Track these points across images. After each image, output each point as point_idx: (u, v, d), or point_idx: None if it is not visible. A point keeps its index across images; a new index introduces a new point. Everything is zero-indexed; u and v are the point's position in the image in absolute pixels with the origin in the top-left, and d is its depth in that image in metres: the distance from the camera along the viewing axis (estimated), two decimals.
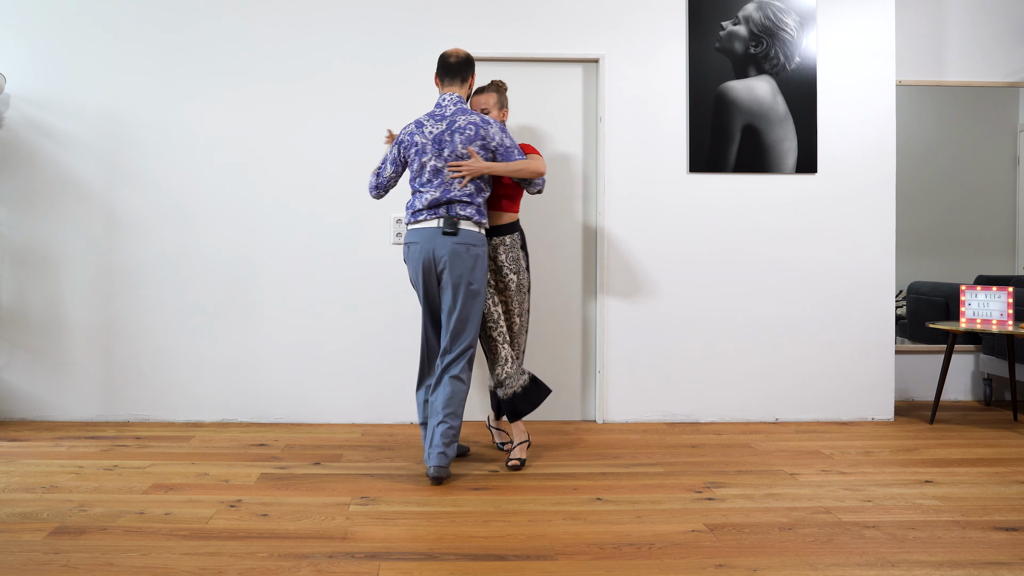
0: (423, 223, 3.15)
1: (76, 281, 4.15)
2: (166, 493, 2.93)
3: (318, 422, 4.17)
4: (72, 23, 4.15)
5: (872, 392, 4.29)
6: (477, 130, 3.17)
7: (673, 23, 4.25)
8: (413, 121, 3.33)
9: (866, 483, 3.11)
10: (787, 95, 4.25)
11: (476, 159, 3.14)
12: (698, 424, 4.20)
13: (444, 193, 3.13)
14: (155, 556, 2.33)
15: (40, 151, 4.15)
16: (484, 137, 3.17)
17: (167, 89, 4.16)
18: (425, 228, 3.14)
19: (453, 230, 3.10)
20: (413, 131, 3.22)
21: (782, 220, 4.28)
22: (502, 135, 3.22)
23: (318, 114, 4.17)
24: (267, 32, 4.17)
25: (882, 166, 4.30)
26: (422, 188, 3.19)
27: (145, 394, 4.16)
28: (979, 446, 3.72)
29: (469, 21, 4.19)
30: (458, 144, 3.15)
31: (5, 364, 4.14)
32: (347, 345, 4.17)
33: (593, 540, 2.48)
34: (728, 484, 3.09)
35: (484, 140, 3.17)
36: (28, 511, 2.71)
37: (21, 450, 3.54)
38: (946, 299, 4.75)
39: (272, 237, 4.17)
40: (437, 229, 3.12)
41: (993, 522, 2.66)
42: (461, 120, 3.18)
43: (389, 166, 3.29)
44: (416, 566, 2.27)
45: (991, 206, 4.87)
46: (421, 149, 3.18)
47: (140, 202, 4.16)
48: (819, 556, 2.36)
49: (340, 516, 2.69)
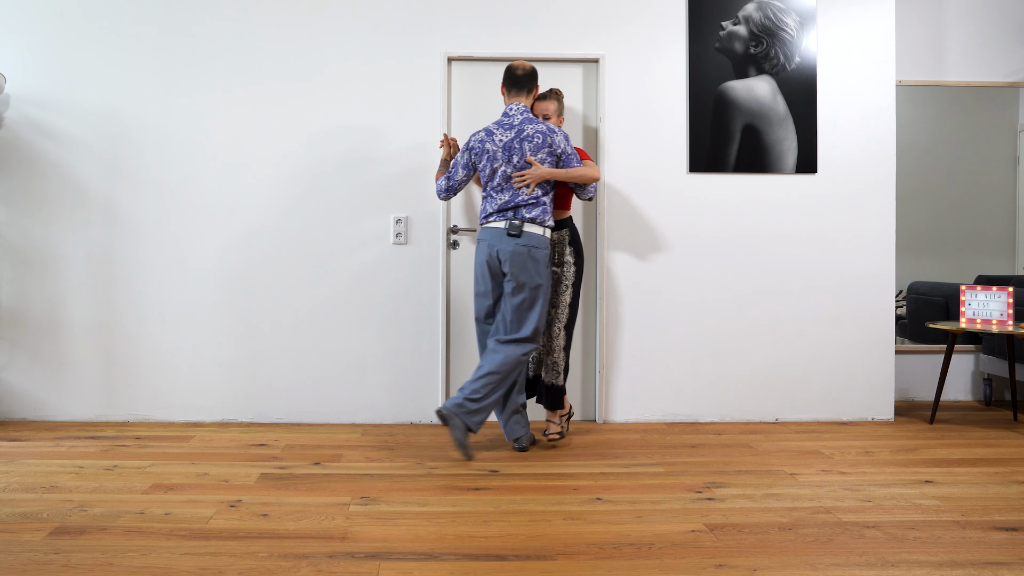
0: (492, 224, 3.47)
1: (76, 281, 4.15)
2: (166, 493, 2.93)
3: (318, 422, 4.17)
4: (72, 23, 4.15)
5: (872, 392, 4.29)
6: (544, 138, 3.45)
7: (673, 23, 4.25)
8: (483, 129, 3.55)
9: (866, 483, 3.11)
10: (787, 95, 4.25)
11: (537, 167, 3.43)
12: (698, 424, 4.20)
13: (513, 197, 3.44)
14: (155, 556, 2.33)
15: (40, 151, 4.15)
16: (550, 145, 3.46)
17: (167, 89, 4.16)
18: (493, 228, 3.46)
19: (517, 232, 3.41)
20: (483, 139, 3.50)
21: (782, 220, 4.28)
22: (565, 143, 3.51)
23: (319, 113, 4.17)
24: (267, 32, 4.17)
25: (882, 166, 4.30)
26: (494, 193, 3.48)
27: (145, 394, 4.16)
28: (979, 446, 3.72)
29: (469, 21, 4.19)
30: (527, 151, 3.44)
31: (5, 364, 4.14)
32: (347, 345, 4.17)
33: (593, 540, 2.48)
34: (728, 484, 3.09)
35: (550, 147, 3.46)
36: (28, 511, 2.71)
37: (21, 450, 3.54)
38: (946, 299, 4.75)
39: (272, 237, 4.17)
40: (503, 230, 3.43)
41: (993, 522, 2.66)
42: (529, 129, 3.47)
43: (461, 170, 3.58)
44: (416, 566, 2.27)
45: (991, 206, 4.87)
46: (492, 156, 3.47)
47: (140, 202, 4.16)
48: (819, 556, 2.36)
49: (340, 516, 2.69)
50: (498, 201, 3.45)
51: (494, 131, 3.49)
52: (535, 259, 3.42)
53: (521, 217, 3.43)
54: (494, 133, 3.48)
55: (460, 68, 4.24)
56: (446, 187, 3.62)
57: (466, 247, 4.24)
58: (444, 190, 3.62)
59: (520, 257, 3.40)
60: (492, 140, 3.47)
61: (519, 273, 3.41)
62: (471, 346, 4.23)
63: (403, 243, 4.17)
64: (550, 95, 3.74)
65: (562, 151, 3.49)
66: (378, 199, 4.17)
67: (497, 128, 3.50)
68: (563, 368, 3.70)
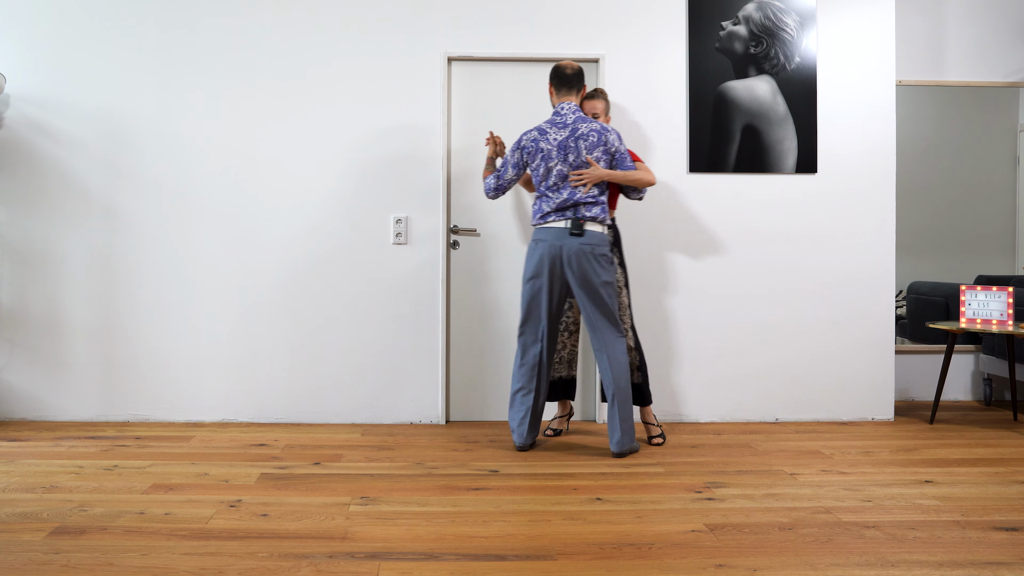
0: (552, 223, 3.44)
1: (76, 281, 4.15)
2: (166, 493, 2.93)
3: (318, 422, 4.17)
4: (72, 23, 4.14)
5: (872, 392, 4.29)
6: (599, 136, 3.44)
7: (673, 23, 4.25)
8: (535, 128, 3.51)
9: (866, 483, 3.11)
10: (787, 95, 4.25)
11: (595, 167, 3.41)
12: (698, 424, 4.20)
13: (571, 195, 3.41)
14: (155, 556, 2.33)
15: (40, 151, 4.15)
16: (605, 143, 3.44)
17: (167, 89, 4.16)
18: (553, 228, 3.43)
19: (579, 231, 3.38)
20: (536, 138, 3.47)
21: (782, 220, 4.28)
22: (619, 142, 3.50)
23: (318, 113, 4.17)
24: (267, 29, 4.17)
25: (882, 166, 4.30)
26: (549, 192, 3.45)
27: (145, 394, 4.16)
28: (979, 446, 3.72)
29: (469, 21, 4.19)
30: (583, 150, 3.42)
31: (5, 364, 4.14)
32: (347, 345, 4.17)
33: (593, 540, 2.48)
34: (728, 484, 3.09)
35: (605, 146, 3.45)
36: (28, 511, 2.71)
37: (21, 450, 3.54)
38: (946, 299, 4.75)
39: (272, 236, 4.17)
40: (564, 229, 3.41)
41: (993, 522, 2.66)
42: (583, 128, 3.44)
43: (511, 169, 3.55)
44: (416, 566, 2.27)
45: (991, 206, 4.87)
46: (547, 155, 3.44)
47: (140, 202, 4.16)
48: (819, 556, 2.36)
49: (340, 516, 2.69)
50: (555, 200, 3.42)
51: (547, 130, 3.47)
52: (599, 257, 3.41)
53: (582, 215, 3.41)
54: (547, 132, 3.47)
55: (460, 68, 4.24)
56: (495, 186, 3.58)
57: (466, 247, 4.24)
58: (493, 189, 3.59)
59: (585, 256, 3.39)
60: (546, 139, 3.45)
61: (587, 272, 3.40)
62: (471, 346, 4.23)
63: (403, 243, 4.17)
64: (597, 94, 3.74)
65: (616, 150, 3.48)
66: (378, 199, 4.17)
67: (550, 127, 3.48)
68: (636, 366, 3.75)
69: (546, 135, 3.45)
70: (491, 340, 4.23)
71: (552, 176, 3.44)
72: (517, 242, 4.24)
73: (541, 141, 3.45)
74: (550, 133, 3.46)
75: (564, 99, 3.54)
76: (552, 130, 3.46)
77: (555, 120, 3.49)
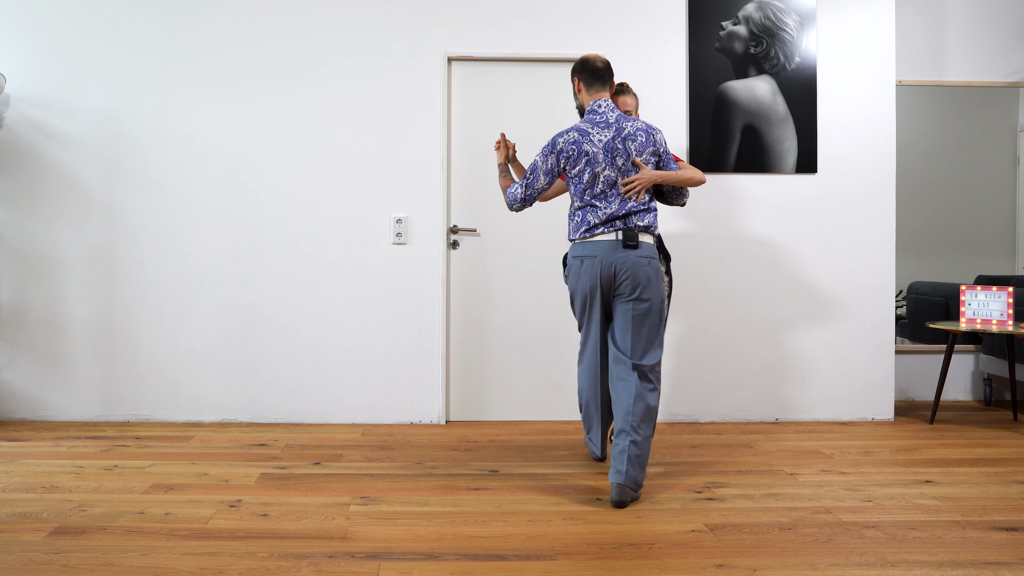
0: (600, 236, 2.98)
1: (76, 281, 4.15)
2: (166, 493, 2.93)
3: (318, 422, 4.17)
4: (72, 23, 4.14)
5: (872, 392, 4.29)
6: (647, 136, 3.04)
7: (673, 23, 4.25)
8: (573, 128, 3.05)
9: (866, 483, 3.11)
10: (787, 95, 4.25)
11: (645, 170, 3.00)
12: (698, 424, 4.20)
13: (622, 206, 2.98)
14: (155, 556, 2.33)
15: (40, 151, 4.15)
16: (654, 143, 3.05)
17: (167, 88, 4.16)
18: (603, 241, 2.97)
19: (635, 243, 2.95)
20: (578, 140, 3.01)
21: (782, 220, 4.28)
22: (665, 142, 3.17)
23: (318, 112, 4.17)
24: (267, 29, 4.17)
25: (882, 166, 4.30)
26: (596, 201, 3.00)
27: (145, 394, 4.16)
28: (979, 446, 3.72)
29: (469, 20, 4.19)
30: (632, 152, 2.99)
31: (5, 364, 4.14)
32: (347, 345, 4.17)
33: (593, 540, 2.48)
34: (728, 484, 3.09)
35: (654, 146, 3.05)
36: (28, 511, 2.71)
37: (21, 450, 3.54)
38: (946, 299, 4.75)
39: (272, 237, 4.17)
40: (616, 243, 2.95)
41: (993, 522, 2.66)
42: (628, 127, 3.03)
43: (543, 176, 3.08)
44: (416, 566, 2.27)
45: (991, 206, 4.87)
46: (593, 159, 2.99)
47: (140, 202, 4.16)
48: (819, 556, 2.36)
49: (340, 516, 2.69)
50: (605, 211, 2.97)
51: (588, 130, 3.01)
52: (656, 271, 2.99)
53: (634, 225, 2.97)
54: (589, 133, 3.00)
55: (460, 68, 4.24)
56: (523, 196, 3.10)
57: (466, 247, 4.24)
58: (520, 200, 3.11)
59: (644, 270, 2.94)
60: (589, 140, 2.99)
61: (645, 288, 2.95)
62: (471, 346, 4.23)
63: (403, 243, 4.17)
64: (626, 89, 3.43)
65: (664, 150, 3.09)
66: (378, 199, 4.17)
67: (591, 127, 3.02)
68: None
69: (588, 136, 2.99)
70: (491, 340, 4.23)
71: (599, 183, 2.97)
72: (517, 242, 4.24)
73: (584, 143, 2.98)
74: (593, 134, 3.00)
75: (597, 95, 3.10)
76: (595, 130, 3.01)
77: (594, 119, 3.03)
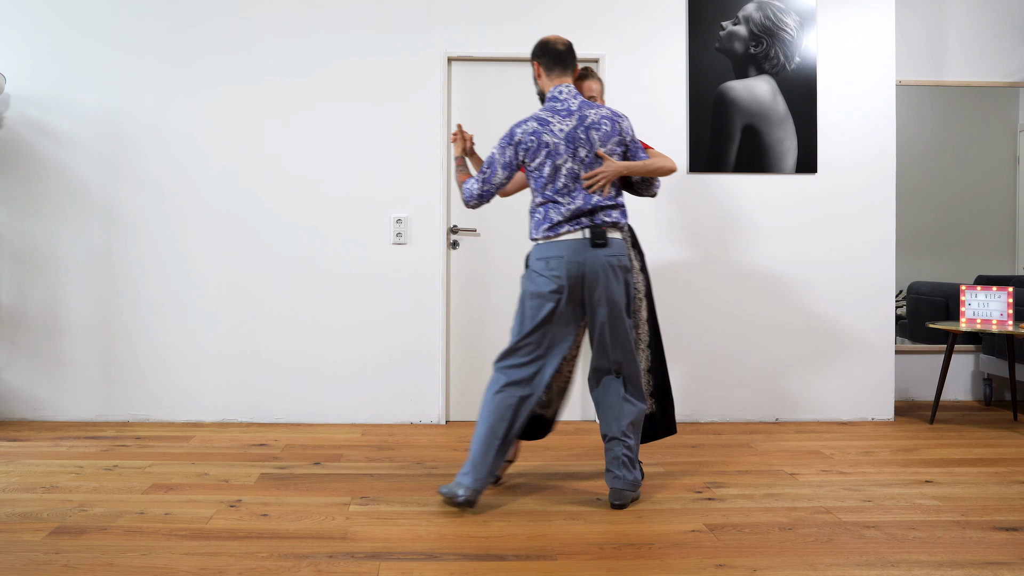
0: (566, 235, 2.75)
1: (76, 281, 4.15)
2: (166, 493, 2.93)
3: (318, 422, 4.17)
4: (72, 23, 4.14)
5: (872, 392, 4.29)
6: (612, 125, 2.80)
7: (673, 23, 4.25)
8: (531, 118, 2.81)
9: (866, 483, 3.11)
10: (787, 95, 4.25)
11: (610, 161, 2.77)
12: (698, 424, 4.20)
13: (587, 201, 2.76)
14: (155, 556, 2.33)
15: (40, 151, 4.15)
16: (620, 132, 2.82)
17: (167, 88, 4.16)
18: (569, 240, 2.74)
19: (604, 241, 2.74)
20: (538, 130, 2.77)
21: (782, 220, 4.28)
22: (632, 129, 2.91)
23: (318, 112, 4.17)
24: (267, 29, 4.17)
25: (882, 166, 4.30)
26: (559, 197, 2.76)
27: (145, 394, 4.16)
28: (979, 446, 3.72)
29: (468, 20, 4.19)
30: (595, 141, 2.77)
31: (5, 364, 4.14)
32: (347, 345, 4.17)
33: (593, 540, 2.48)
34: (728, 484, 3.09)
35: (620, 135, 2.82)
36: (28, 511, 2.71)
37: (21, 450, 3.54)
38: (946, 299, 4.75)
39: (272, 236, 4.17)
40: (584, 241, 2.74)
41: (993, 522, 2.66)
42: (592, 114, 2.79)
43: (501, 170, 2.84)
44: (416, 566, 2.27)
45: (991, 206, 4.87)
46: (553, 150, 2.76)
47: (140, 202, 4.16)
48: (819, 556, 2.36)
49: (340, 516, 2.69)
50: (569, 207, 2.74)
51: (549, 120, 2.77)
52: (626, 270, 2.80)
53: (601, 221, 2.76)
54: (549, 122, 2.77)
55: (460, 68, 4.24)
56: (479, 192, 2.87)
57: (466, 247, 4.24)
58: (477, 196, 2.87)
59: (615, 272, 2.75)
60: (549, 131, 2.76)
61: (616, 292, 2.75)
62: (471, 346, 4.23)
63: (403, 243, 4.17)
64: (592, 74, 3.07)
65: (631, 139, 2.85)
66: (378, 199, 4.17)
67: (551, 116, 2.78)
68: (649, 393, 3.02)
69: (549, 126, 2.76)
70: (491, 340, 4.23)
71: (561, 177, 2.75)
72: (517, 242, 4.24)
73: (544, 134, 2.76)
74: (553, 123, 2.77)
75: (559, 81, 2.85)
76: (555, 119, 2.77)
77: (554, 107, 2.80)
